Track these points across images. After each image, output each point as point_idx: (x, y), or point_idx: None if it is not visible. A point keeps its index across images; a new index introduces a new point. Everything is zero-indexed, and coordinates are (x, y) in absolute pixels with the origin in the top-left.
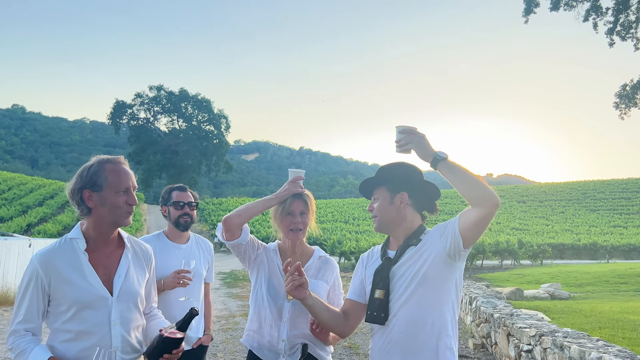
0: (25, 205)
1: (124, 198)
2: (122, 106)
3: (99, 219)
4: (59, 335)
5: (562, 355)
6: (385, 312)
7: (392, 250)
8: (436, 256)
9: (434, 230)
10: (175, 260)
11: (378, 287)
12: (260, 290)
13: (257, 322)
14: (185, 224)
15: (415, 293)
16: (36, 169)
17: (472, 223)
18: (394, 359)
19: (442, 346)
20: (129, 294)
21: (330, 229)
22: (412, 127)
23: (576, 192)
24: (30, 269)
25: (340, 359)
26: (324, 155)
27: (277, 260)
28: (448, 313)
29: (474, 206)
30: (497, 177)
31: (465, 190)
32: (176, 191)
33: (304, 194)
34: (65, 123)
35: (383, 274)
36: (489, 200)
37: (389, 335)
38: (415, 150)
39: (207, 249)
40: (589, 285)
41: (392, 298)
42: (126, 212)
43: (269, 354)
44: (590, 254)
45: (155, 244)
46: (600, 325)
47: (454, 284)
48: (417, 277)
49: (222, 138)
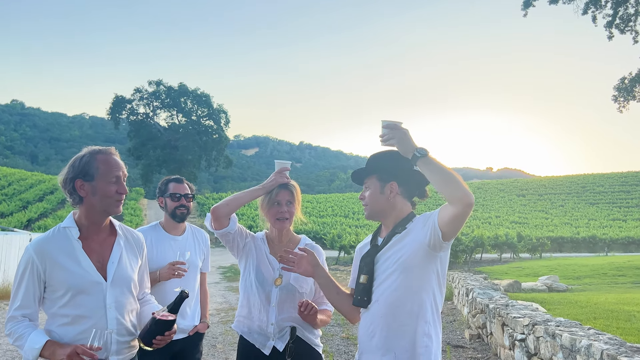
0: (25, 201)
1: (114, 187)
2: (121, 101)
3: (91, 208)
4: (56, 319)
5: (553, 343)
6: (368, 296)
7: (382, 237)
8: (417, 245)
9: (419, 219)
10: (170, 252)
11: (363, 272)
12: (249, 277)
13: (247, 308)
14: (181, 215)
15: (396, 279)
16: (36, 165)
17: (448, 219)
18: (376, 340)
19: (420, 332)
20: (123, 279)
21: (330, 223)
22: (397, 122)
23: (576, 185)
24: (25, 257)
25: (338, 349)
26: (324, 149)
27: (264, 248)
28: (428, 300)
29: (450, 204)
30: (496, 171)
31: (440, 189)
32: (173, 183)
33: (290, 184)
34: (64, 118)
35: (368, 259)
36: (462, 200)
37: (371, 318)
38: (397, 146)
39: (203, 239)
40: (587, 277)
41: (375, 283)
42: (116, 200)
43: (259, 338)
44: (589, 247)
45: (151, 235)
46: (595, 315)
47: (435, 272)
48: (399, 264)
49: (221, 133)
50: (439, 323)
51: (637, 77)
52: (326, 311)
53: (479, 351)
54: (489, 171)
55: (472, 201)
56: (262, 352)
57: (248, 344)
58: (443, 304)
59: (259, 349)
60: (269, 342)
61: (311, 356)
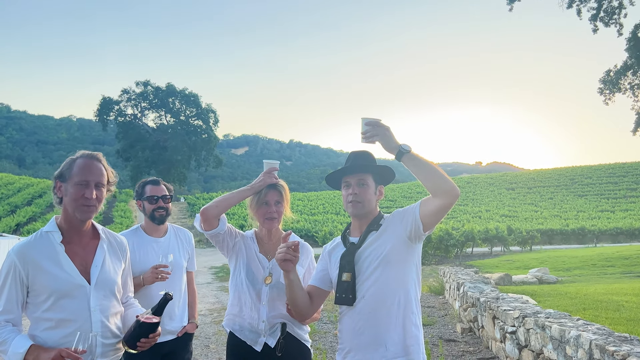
0: (13, 205)
1: (81, 191)
2: (108, 103)
3: (66, 210)
4: (40, 324)
5: (543, 334)
6: (353, 294)
7: (353, 236)
8: (397, 239)
9: (394, 216)
10: (153, 255)
11: (345, 270)
12: (239, 275)
13: (238, 306)
14: (160, 217)
15: (381, 274)
16: (23, 168)
17: (432, 211)
18: (365, 336)
19: (407, 323)
20: (106, 282)
21: (321, 221)
22: (377, 119)
23: (564, 178)
24: (7, 262)
25: (332, 346)
26: (314, 147)
27: (254, 247)
28: (412, 291)
29: (435, 196)
30: (486, 165)
31: (428, 182)
32: (149, 185)
33: (279, 184)
34: (51, 121)
35: (349, 258)
36: (449, 192)
37: (358, 315)
38: (381, 143)
39: (186, 239)
40: (577, 269)
41: (358, 280)
42: (82, 205)
43: (250, 335)
44: (579, 239)
45: (132, 239)
46: (584, 306)
47: (414, 264)
48: (381, 259)
49: (210, 132)
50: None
51: (622, 70)
52: None
53: (470, 344)
54: (478, 165)
55: (458, 193)
56: (254, 348)
57: (239, 341)
58: (435, 299)
59: (250, 346)
60: (260, 338)
61: (301, 351)
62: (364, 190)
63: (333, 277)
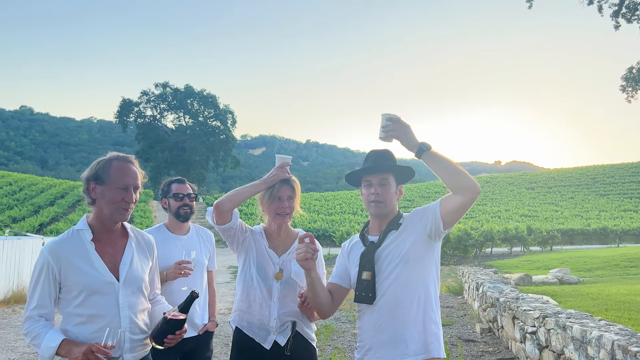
0: (36, 205)
1: (121, 195)
2: (128, 104)
3: (100, 211)
4: (71, 319)
5: (564, 335)
6: (373, 292)
7: (372, 235)
8: (417, 238)
9: (413, 215)
10: (176, 252)
11: (365, 269)
12: (249, 271)
13: (247, 302)
14: (185, 214)
15: (401, 273)
16: (46, 169)
17: (453, 208)
18: (385, 334)
19: (427, 320)
20: (134, 279)
21: (339, 221)
22: (398, 116)
23: (585, 177)
24: (41, 259)
25: (350, 345)
26: (330, 147)
27: (264, 242)
28: (432, 289)
29: (456, 194)
30: (505, 165)
31: (449, 179)
32: (175, 183)
33: (291, 179)
34: (73, 123)
35: (368, 256)
36: (470, 189)
37: (378, 312)
38: (401, 140)
39: (207, 238)
40: (599, 269)
41: (379, 279)
42: (121, 208)
43: (260, 332)
44: (601, 239)
45: (156, 236)
46: (606, 307)
47: (434, 262)
48: (402, 257)
49: (228, 133)
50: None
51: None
52: None
53: (490, 345)
54: (497, 165)
55: (479, 190)
56: (262, 346)
57: (246, 337)
58: (453, 299)
59: (258, 343)
60: (270, 336)
61: (307, 350)
62: (385, 190)
63: (352, 275)
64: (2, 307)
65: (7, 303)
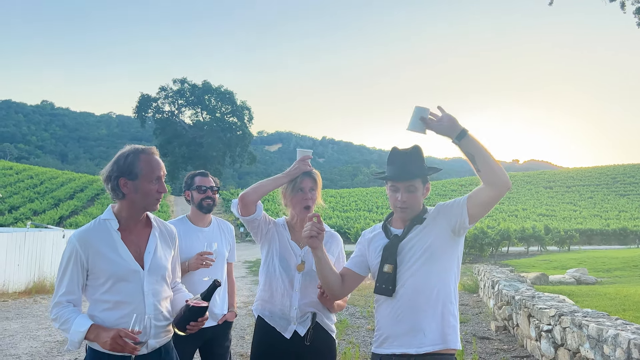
0: (57, 199)
1: (155, 187)
2: (147, 100)
3: (132, 204)
4: (98, 305)
5: (580, 333)
6: (393, 285)
7: (395, 228)
8: (441, 233)
9: (438, 210)
10: (197, 243)
11: (387, 262)
12: (272, 262)
13: (269, 292)
14: (207, 206)
15: (422, 266)
16: (66, 163)
17: (482, 202)
18: (404, 324)
19: (445, 312)
20: (158, 268)
21: (354, 218)
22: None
23: (605, 176)
24: (69, 246)
25: (364, 340)
26: (346, 144)
27: (286, 234)
28: (451, 283)
29: (488, 185)
30: (523, 163)
31: (484, 168)
32: (198, 176)
33: (313, 172)
34: (92, 118)
35: (392, 250)
36: (504, 183)
37: (397, 302)
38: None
39: (228, 231)
40: (617, 270)
41: (399, 271)
42: (155, 199)
43: (281, 321)
44: (620, 240)
45: (179, 228)
46: (624, 307)
47: (456, 257)
48: (425, 252)
49: (245, 129)
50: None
51: None
52: None
53: (505, 342)
54: (515, 163)
55: (511, 185)
56: (283, 335)
57: (268, 326)
58: (469, 297)
59: (279, 332)
60: (290, 326)
61: (327, 342)
62: (412, 196)
63: (372, 266)
64: (24, 297)
65: (28, 293)
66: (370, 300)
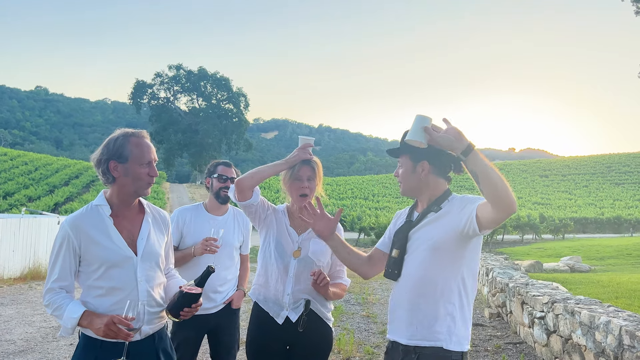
0: (51, 185)
1: (146, 170)
2: (142, 86)
3: (122, 188)
4: (91, 291)
5: (572, 320)
6: (399, 270)
7: (418, 211)
8: (451, 229)
9: (458, 202)
10: (206, 229)
11: (395, 246)
12: (268, 247)
13: (264, 277)
14: (224, 197)
15: (425, 258)
16: (61, 150)
17: (488, 219)
18: (400, 313)
19: (442, 312)
20: (151, 254)
21: (350, 206)
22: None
23: (600, 165)
24: (61, 232)
25: (359, 326)
26: (343, 132)
27: (285, 220)
28: (454, 283)
29: (493, 206)
30: (519, 152)
31: (488, 190)
32: (222, 166)
33: (312, 160)
34: (87, 104)
35: (401, 235)
36: (508, 206)
37: (400, 290)
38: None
39: (243, 221)
40: (611, 258)
41: (405, 258)
42: (147, 183)
43: (274, 307)
44: (614, 228)
45: (192, 213)
46: (617, 295)
47: (465, 257)
48: (429, 243)
49: (241, 116)
50: (468, 309)
51: None
52: (341, 285)
53: (498, 329)
54: (512, 152)
55: (515, 210)
56: (276, 320)
57: (262, 311)
58: None
59: (272, 317)
60: (282, 311)
61: (322, 329)
62: (401, 171)
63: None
64: (19, 284)
65: (23, 279)
66: (366, 287)
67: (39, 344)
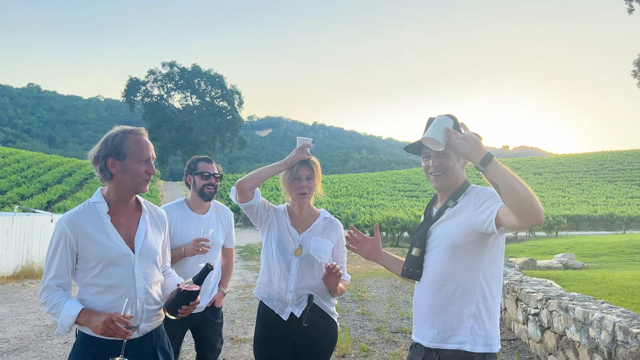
0: (44, 183)
1: (144, 167)
2: (135, 83)
3: (120, 185)
4: (88, 289)
5: (566, 316)
6: (420, 269)
7: (437, 207)
8: (469, 227)
9: (475, 196)
10: (194, 229)
11: (415, 245)
12: (270, 247)
13: (267, 276)
14: (209, 194)
15: (443, 257)
16: (53, 147)
17: (509, 225)
18: (423, 315)
19: (466, 313)
20: (149, 251)
21: (344, 203)
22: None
23: (593, 163)
24: (58, 230)
25: (354, 324)
26: (337, 130)
27: (286, 220)
28: (476, 282)
29: (517, 217)
30: (513, 150)
31: (511, 200)
32: (202, 162)
33: (311, 160)
34: (80, 101)
35: (421, 233)
36: (535, 217)
37: (421, 290)
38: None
39: (225, 217)
40: (604, 255)
41: (426, 257)
42: (144, 180)
43: (278, 304)
44: (607, 225)
45: (176, 212)
46: (610, 291)
47: (486, 254)
48: (447, 241)
49: (235, 114)
50: (494, 308)
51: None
52: (344, 281)
53: None
54: (505, 149)
55: (543, 220)
56: (281, 317)
57: (267, 309)
58: None
59: (277, 314)
60: (287, 308)
61: (327, 323)
62: (446, 160)
63: None
64: (12, 282)
65: (17, 278)
66: (361, 285)
67: (33, 342)
